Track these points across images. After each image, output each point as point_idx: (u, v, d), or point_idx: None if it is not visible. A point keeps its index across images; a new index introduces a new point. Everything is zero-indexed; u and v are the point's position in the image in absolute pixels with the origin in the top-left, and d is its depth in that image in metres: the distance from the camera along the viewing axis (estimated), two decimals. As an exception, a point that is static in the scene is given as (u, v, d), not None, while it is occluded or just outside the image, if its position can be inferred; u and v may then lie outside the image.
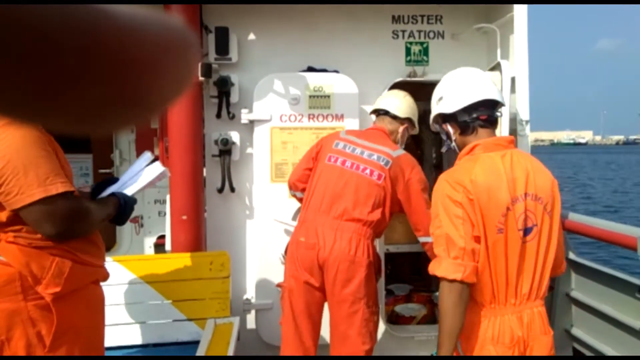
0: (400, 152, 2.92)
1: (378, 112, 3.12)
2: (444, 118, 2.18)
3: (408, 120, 3.07)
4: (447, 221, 1.85)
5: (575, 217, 4.46)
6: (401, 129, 3.05)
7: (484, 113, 2.06)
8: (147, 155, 2.37)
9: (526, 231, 1.87)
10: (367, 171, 2.82)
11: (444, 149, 2.28)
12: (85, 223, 1.84)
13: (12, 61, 0.29)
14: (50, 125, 0.36)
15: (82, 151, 5.24)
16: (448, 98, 2.14)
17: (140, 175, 2.27)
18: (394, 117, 3.04)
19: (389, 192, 2.80)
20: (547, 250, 1.92)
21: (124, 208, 2.07)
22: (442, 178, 1.96)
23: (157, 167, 2.34)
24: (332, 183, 2.82)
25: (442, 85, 2.25)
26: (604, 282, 4.05)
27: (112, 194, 2.09)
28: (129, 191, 2.19)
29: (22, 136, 1.71)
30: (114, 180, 2.24)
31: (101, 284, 2.05)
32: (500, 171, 1.90)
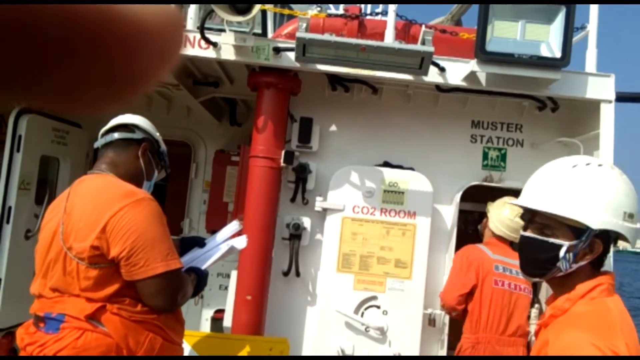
0: None
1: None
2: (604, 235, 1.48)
3: None
4: None
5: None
6: None
7: None
8: (235, 226, 2.45)
9: None
10: (526, 290, 3.34)
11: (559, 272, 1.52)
12: (184, 299, 1.93)
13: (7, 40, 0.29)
14: (37, 103, 0.36)
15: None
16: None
17: (222, 246, 2.34)
18: None
19: None
20: None
21: (200, 285, 2.14)
22: (586, 341, 1.30)
23: (242, 241, 2.40)
24: (504, 304, 3.27)
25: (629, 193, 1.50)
26: None
27: (192, 270, 2.17)
28: (206, 264, 2.26)
29: (150, 212, 1.86)
30: (200, 241, 2.33)
31: None
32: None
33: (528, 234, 1.51)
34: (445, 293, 3.36)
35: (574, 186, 1.45)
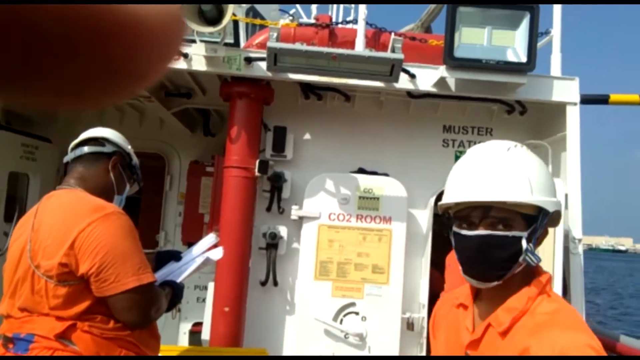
0: None
1: None
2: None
3: None
4: None
5: (628, 341, 4.24)
6: None
7: None
8: (212, 238, 2.43)
9: None
10: None
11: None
12: (158, 314, 1.90)
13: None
14: (36, 101, 0.36)
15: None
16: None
17: (198, 259, 2.32)
18: None
19: None
20: None
21: (175, 298, 2.12)
22: (582, 342, 1.17)
23: (217, 253, 2.38)
24: None
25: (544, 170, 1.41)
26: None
27: (167, 283, 2.14)
28: (181, 277, 2.23)
29: (120, 226, 1.83)
30: (176, 254, 2.30)
31: None
32: None
33: (486, 232, 1.27)
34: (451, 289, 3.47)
35: (523, 170, 1.31)
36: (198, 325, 4.17)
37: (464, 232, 1.31)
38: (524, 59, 3.04)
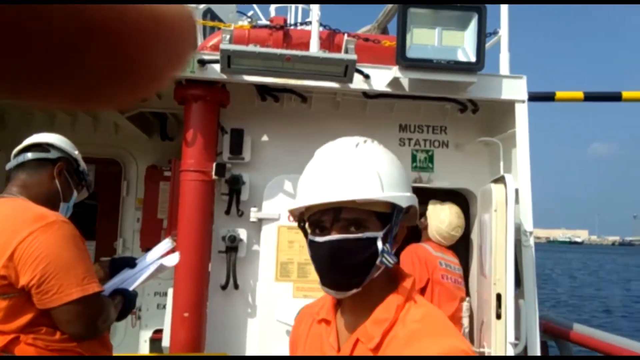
0: None
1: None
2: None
3: None
4: None
5: (581, 329, 4.41)
6: None
7: None
8: (168, 244, 2.38)
9: None
10: (462, 284, 3.74)
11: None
12: (106, 324, 1.86)
13: (12, 39, 0.29)
14: (52, 101, 0.36)
15: (85, 238, 5.26)
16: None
17: (152, 266, 2.27)
18: None
19: None
20: None
21: (127, 307, 2.07)
22: (458, 347, 1.15)
23: (173, 259, 2.34)
24: (451, 297, 3.60)
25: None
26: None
27: (118, 291, 2.09)
28: (134, 284, 2.19)
29: (62, 236, 1.76)
30: (130, 261, 2.25)
31: None
32: None
33: (337, 236, 1.16)
34: None
35: (373, 165, 1.21)
36: (159, 332, 4.10)
37: (317, 238, 1.19)
38: (473, 59, 3.13)
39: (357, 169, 1.20)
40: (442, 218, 3.76)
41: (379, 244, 1.16)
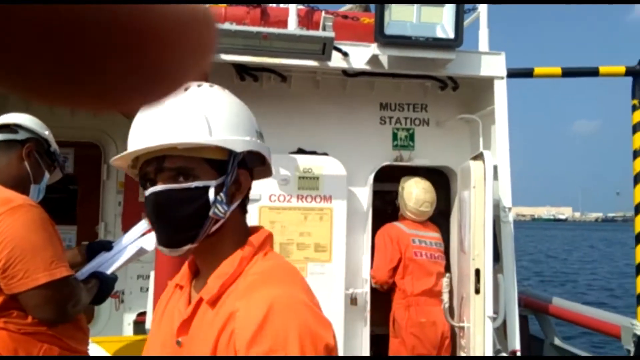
0: None
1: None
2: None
3: None
4: None
5: (560, 303, 4.50)
6: None
7: None
8: (144, 225, 2.35)
9: None
10: (440, 258, 3.81)
11: None
12: (77, 308, 1.84)
13: (34, 40, 0.29)
14: (74, 104, 0.36)
15: (66, 222, 5.21)
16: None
17: (130, 248, 2.25)
18: None
19: None
20: None
21: (104, 290, 2.05)
22: (296, 299, 1.08)
23: (151, 241, 2.32)
24: (425, 272, 3.72)
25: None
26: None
27: (94, 275, 2.08)
28: (112, 267, 2.17)
29: (29, 219, 1.73)
30: (107, 244, 2.23)
31: None
32: None
33: (161, 187, 1.03)
34: (377, 270, 3.73)
35: (200, 108, 1.08)
36: (142, 315, 4.10)
37: (145, 192, 1.07)
38: (451, 35, 3.11)
39: (180, 111, 1.06)
40: (409, 195, 3.84)
41: (211, 194, 1.04)
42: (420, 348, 3.63)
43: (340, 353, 3.50)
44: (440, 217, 4.40)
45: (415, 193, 3.81)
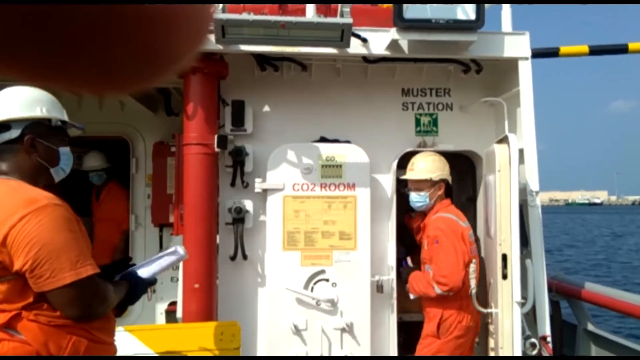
0: None
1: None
2: None
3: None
4: None
5: (593, 288, 4.39)
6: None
7: None
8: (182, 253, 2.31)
9: None
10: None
11: None
12: (104, 306, 1.87)
13: (37, 24, 0.30)
14: (73, 86, 0.37)
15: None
16: None
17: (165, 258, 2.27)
18: None
19: None
20: None
21: (134, 291, 2.07)
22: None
23: (180, 247, 2.34)
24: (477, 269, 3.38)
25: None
26: (626, 355, 3.93)
27: (125, 277, 2.09)
28: (151, 272, 2.18)
29: (54, 219, 1.75)
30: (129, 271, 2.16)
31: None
32: None
33: None
34: (452, 275, 3.22)
35: None
36: (173, 304, 4.19)
37: None
38: (472, 16, 3.05)
39: None
40: (443, 162, 3.54)
41: None
42: (465, 351, 3.39)
43: (368, 341, 3.51)
44: (467, 203, 4.35)
45: (442, 159, 3.54)
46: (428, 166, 3.50)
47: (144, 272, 2.18)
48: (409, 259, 3.74)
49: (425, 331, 3.46)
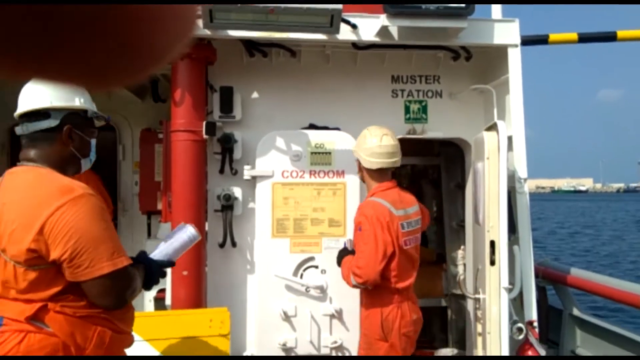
0: None
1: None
2: None
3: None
4: None
5: (578, 273, 4.45)
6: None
7: None
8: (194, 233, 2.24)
9: None
10: (419, 238, 3.12)
11: None
12: (133, 296, 1.89)
13: (22, 17, 0.31)
14: (61, 79, 0.37)
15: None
16: None
17: (178, 236, 2.20)
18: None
19: None
20: None
21: (151, 276, 2.02)
22: None
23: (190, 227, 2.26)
24: (412, 262, 3.03)
25: None
26: (610, 339, 4.01)
27: (140, 261, 2.03)
28: (156, 254, 2.13)
29: (90, 209, 1.74)
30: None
31: None
32: None
33: None
34: (366, 267, 2.86)
35: None
36: (162, 291, 4.17)
37: None
38: (462, 3, 3.03)
39: None
40: (366, 139, 3.06)
41: None
42: (410, 348, 3.01)
43: (357, 327, 3.53)
44: (456, 189, 4.37)
45: (374, 134, 3.05)
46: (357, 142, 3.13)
47: (156, 255, 2.14)
48: (347, 241, 3.25)
49: (369, 337, 3.00)
